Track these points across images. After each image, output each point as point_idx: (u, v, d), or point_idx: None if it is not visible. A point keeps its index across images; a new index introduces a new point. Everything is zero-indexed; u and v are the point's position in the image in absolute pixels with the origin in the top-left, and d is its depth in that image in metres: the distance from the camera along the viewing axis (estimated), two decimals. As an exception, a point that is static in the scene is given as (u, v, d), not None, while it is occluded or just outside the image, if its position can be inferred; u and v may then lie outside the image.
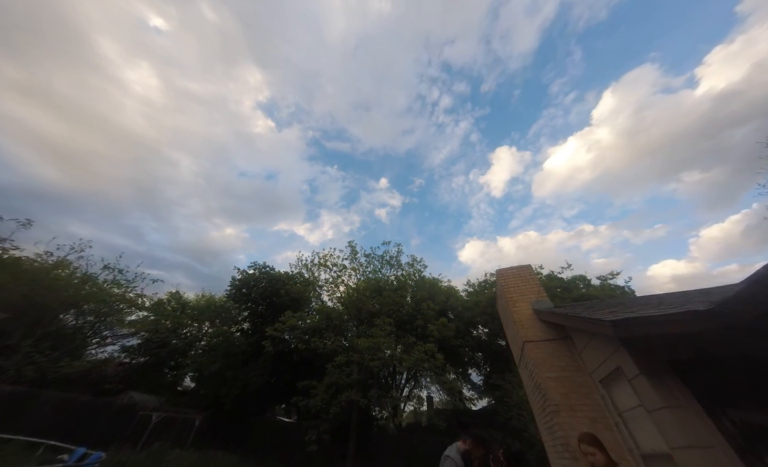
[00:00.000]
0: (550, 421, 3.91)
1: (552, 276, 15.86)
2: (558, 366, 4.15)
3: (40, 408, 10.04)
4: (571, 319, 3.76)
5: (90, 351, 16.56)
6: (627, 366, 2.84)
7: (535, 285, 5.52)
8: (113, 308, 16.05)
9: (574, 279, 15.44)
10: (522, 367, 5.20)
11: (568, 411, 3.69)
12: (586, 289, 14.37)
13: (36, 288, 12.62)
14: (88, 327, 15.95)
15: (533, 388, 4.54)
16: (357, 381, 11.08)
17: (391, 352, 11.86)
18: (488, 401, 17.33)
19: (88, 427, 10.52)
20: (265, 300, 15.78)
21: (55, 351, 12.70)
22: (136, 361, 17.61)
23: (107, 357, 17.18)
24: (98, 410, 11.32)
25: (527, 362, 4.65)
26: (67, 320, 15.19)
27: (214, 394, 13.76)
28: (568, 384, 3.93)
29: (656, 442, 2.62)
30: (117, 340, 17.56)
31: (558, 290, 14.28)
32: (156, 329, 17.52)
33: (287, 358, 14.96)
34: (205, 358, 14.84)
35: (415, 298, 15.94)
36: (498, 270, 6.39)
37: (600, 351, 3.44)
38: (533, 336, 4.63)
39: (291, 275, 16.53)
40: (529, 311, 5.05)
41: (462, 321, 16.29)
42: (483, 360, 17.34)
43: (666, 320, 2.17)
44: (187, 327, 19.40)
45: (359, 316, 14.14)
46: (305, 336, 12.50)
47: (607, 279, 15.04)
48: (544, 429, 4.38)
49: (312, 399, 10.78)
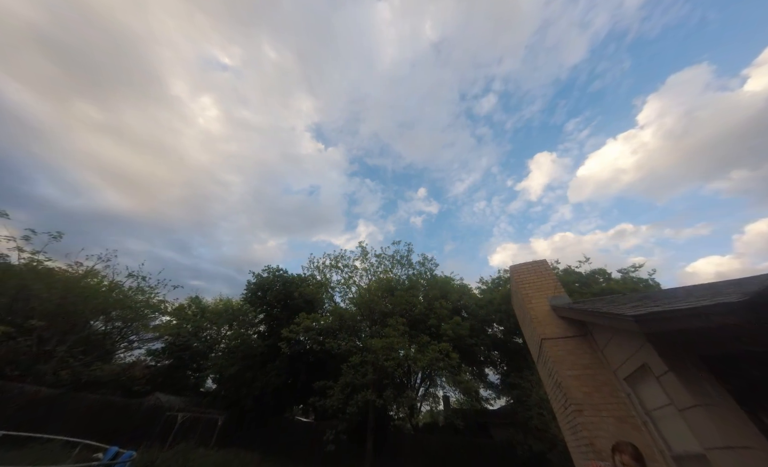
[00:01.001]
0: (572, 421, 3.79)
1: (569, 271, 15.36)
2: (579, 364, 4.01)
3: (76, 409, 10.66)
4: (591, 315, 3.63)
5: (119, 354, 17.46)
6: (654, 363, 2.71)
7: (551, 280, 5.36)
8: (139, 314, 16.85)
9: (593, 273, 14.88)
10: (541, 365, 5.07)
11: (592, 411, 3.57)
12: (606, 283, 13.83)
13: (68, 296, 13.40)
14: (116, 332, 16.81)
15: (553, 387, 4.41)
16: (372, 381, 11.13)
17: (405, 352, 11.84)
18: (506, 400, 16.99)
19: (119, 427, 11.09)
20: (280, 303, 16.12)
21: (87, 355, 13.47)
22: (161, 364, 18.41)
23: (135, 361, 18.05)
24: (128, 411, 11.91)
25: (546, 360, 4.52)
26: (96, 326, 16.05)
27: (234, 395, 14.19)
28: (590, 382, 3.79)
29: (689, 443, 2.49)
30: (143, 344, 18.43)
31: (576, 285, 13.82)
32: (178, 333, 18.26)
33: (303, 359, 15.22)
34: (224, 360, 15.33)
35: (428, 297, 15.83)
36: (512, 266, 6.24)
37: (624, 347, 3.31)
38: (551, 333, 4.50)
39: (304, 277, 16.80)
40: (546, 307, 4.91)
41: (476, 319, 16.05)
42: (499, 358, 17.01)
43: (695, 313, 2.06)
44: (206, 330, 20.10)
45: (372, 317, 14.20)
46: (319, 337, 12.68)
47: (629, 273, 14.40)
48: (566, 429, 4.25)
49: (328, 400, 10.91)
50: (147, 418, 11.98)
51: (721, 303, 1.89)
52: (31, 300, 12.42)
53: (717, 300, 2.01)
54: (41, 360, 12.05)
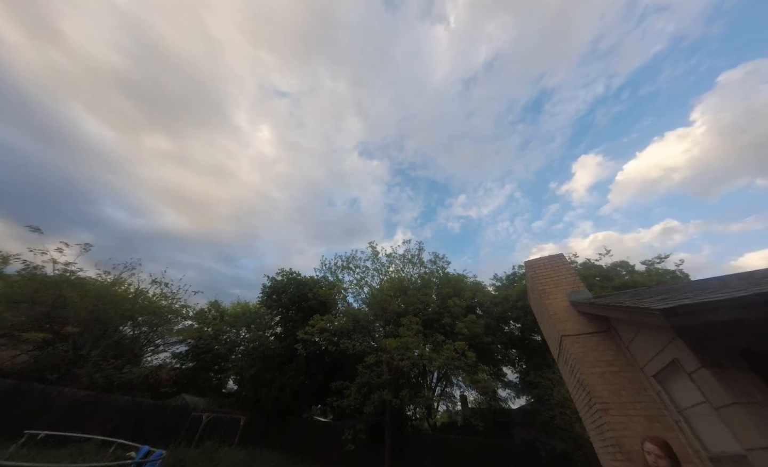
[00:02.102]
0: (597, 420, 3.64)
1: (588, 265, 14.78)
2: (603, 361, 3.85)
3: (109, 410, 11.29)
4: (614, 310, 3.48)
5: (146, 358, 18.34)
6: (685, 359, 2.57)
7: (569, 274, 5.18)
8: (163, 318, 17.64)
9: (615, 266, 14.24)
10: (561, 363, 4.90)
11: (619, 410, 3.42)
12: (629, 276, 13.19)
13: (99, 304, 14.22)
14: (143, 337, 17.67)
15: (576, 385, 4.26)
16: (388, 381, 11.14)
17: (420, 352, 11.78)
18: (526, 399, 16.56)
19: (149, 427, 11.65)
20: (294, 305, 16.41)
21: (118, 359, 14.24)
22: (185, 366, 19.19)
23: (161, 364, 18.91)
24: (156, 411, 12.50)
25: (567, 357, 4.37)
26: (125, 331, 16.94)
27: (254, 396, 14.58)
28: (615, 380, 3.63)
29: (727, 442, 2.33)
30: (168, 348, 19.29)
31: (597, 279, 13.27)
32: (200, 336, 18.97)
33: (319, 360, 15.44)
34: (244, 362, 15.79)
35: (441, 296, 15.67)
36: (527, 261, 6.08)
37: (651, 343, 3.15)
38: (572, 330, 4.34)
39: (316, 279, 17.03)
40: (565, 303, 4.74)
41: (492, 317, 15.73)
42: (517, 357, 16.60)
43: (729, 305, 1.93)
44: (226, 333, 20.78)
45: (385, 316, 14.21)
46: (334, 338, 12.82)
47: (654, 264, 13.69)
48: (591, 429, 4.09)
49: (345, 400, 11.02)
50: (174, 418, 12.52)
51: (760, 292, 1.76)
52: (66, 309, 13.26)
53: (754, 289, 1.88)
54: (77, 365, 12.84)
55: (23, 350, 12.44)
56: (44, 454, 7.21)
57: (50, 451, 7.44)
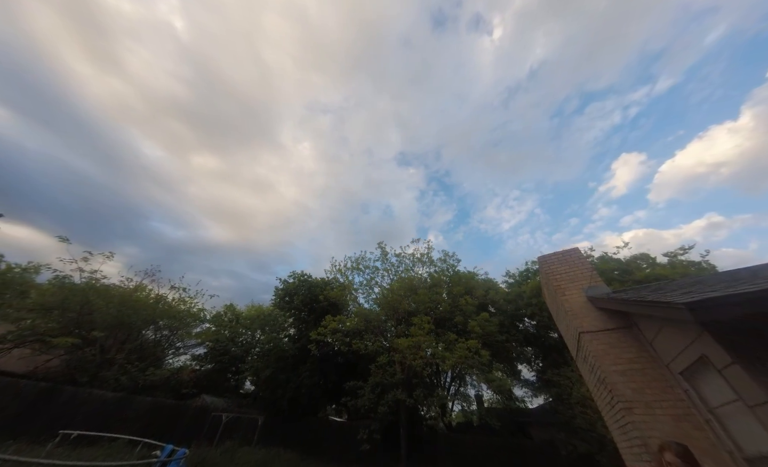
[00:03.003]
0: (620, 420, 3.51)
1: (606, 258, 14.25)
2: (624, 358, 3.71)
3: (135, 411, 11.80)
4: (635, 304, 3.34)
5: (168, 360, 19.06)
6: (714, 355, 2.44)
7: (585, 269, 5.02)
8: (182, 322, 18.29)
9: (635, 259, 13.68)
10: (581, 361, 4.76)
11: (644, 409, 3.28)
12: (650, 269, 12.64)
13: (123, 309, 14.89)
14: (164, 340, 18.38)
15: (597, 383, 4.12)
16: (401, 381, 11.12)
17: (432, 351, 11.70)
18: (544, 398, 16.16)
19: (172, 427, 12.10)
20: (306, 307, 16.62)
21: (142, 362, 14.85)
22: (204, 368, 19.82)
23: (182, 366, 19.60)
24: (178, 412, 12.96)
25: (586, 355, 4.24)
26: (147, 335, 17.66)
27: (270, 396, 14.89)
28: (639, 377, 3.49)
29: (763, 442, 2.20)
30: (187, 350, 19.99)
31: (615, 273, 12.79)
32: (217, 339, 19.54)
33: (332, 360, 15.59)
34: (260, 363, 16.15)
35: (452, 294, 15.51)
36: (540, 257, 5.93)
37: (676, 338, 3.01)
38: (590, 326, 4.21)
39: (327, 281, 17.20)
40: (582, 299, 4.60)
41: (505, 314, 15.44)
42: (533, 355, 16.22)
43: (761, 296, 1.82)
44: (242, 335, 21.32)
45: (396, 316, 14.20)
46: (346, 338, 12.91)
47: (677, 256, 13.06)
48: (614, 429, 3.95)
49: (359, 399, 11.08)
50: (195, 418, 12.95)
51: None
52: (93, 314, 13.95)
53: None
54: (104, 368, 13.49)
55: (55, 354, 13.18)
56: (78, 453, 7.61)
57: (83, 450, 7.84)
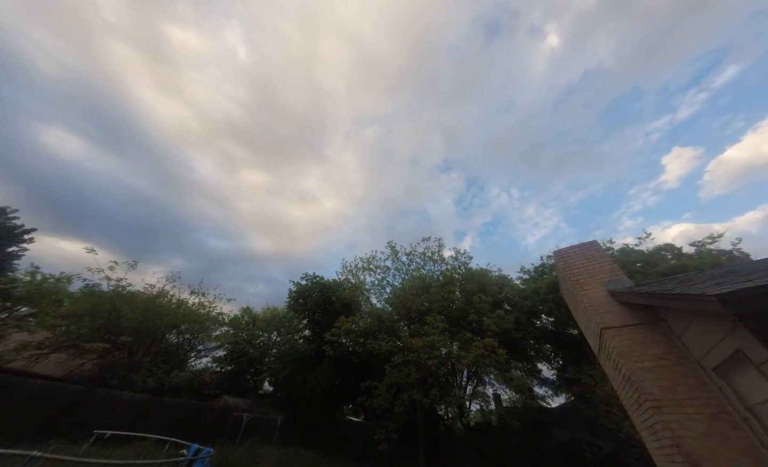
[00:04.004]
0: (649, 419, 3.35)
1: (626, 250, 13.65)
2: (651, 355, 3.54)
3: (161, 412, 12.33)
4: (661, 298, 3.18)
5: (190, 363, 19.81)
6: (751, 349, 2.28)
7: (605, 262, 4.82)
8: (202, 326, 18.96)
9: (658, 250, 13.03)
10: (603, 358, 4.58)
11: (674, 407, 3.12)
12: (676, 260, 12.00)
13: (148, 315, 15.59)
14: (186, 343, 19.12)
15: (622, 381, 3.95)
16: (416, 381, 11.07)
17: (447, 350, 11.58)
18: (566, 397, 15.66)
19: (196, 427, 12.56)
20: (320, 308, 16.82)
21: (167, 364, 15.51)
22: (224, 369, 20.47)
23: (203, 368, 20.34)
24: (202, 412, 13.44)
25: (609, 352, 4.07)
26: (170, 339, 18.42)
27: (288, 397, 15.18)
28: (668, 374, 3.32)
29: (812, 444, 2.04)
30: (208, 353, 20.71)
31: (637, 265, 12.22)
32: (236, 341, 20.14)
33: (347, 361, 15.71)
34: (277, 364, 16.50)
35: (465, 292, 15.29)
36: (556, 251, 5.75)
37: (708, 332, 2.84)
38: (612, 322, 4.04)
39: (339, 282, 17.35)
40: (603, 293, 4.42)
41: (521, 311, 15.07)
42: (552, 352, 15.75)
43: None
44: (259, 337, 21.87)
45: (409, 315, 14.14)
46: (360, 339, 12.98)
47: (706, 245, 12.33)
48: (642, 429, 3.77)
49: (375, 399, 11.11)
50: (218, 419, 13.40)
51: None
52: (120, 320, 14.69)
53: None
54: (132, 370, 14.17)
55: (88, 359, 13.98)
56: (111, 452, 8.04)
57: (116, 449, 8.28)
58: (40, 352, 13.14)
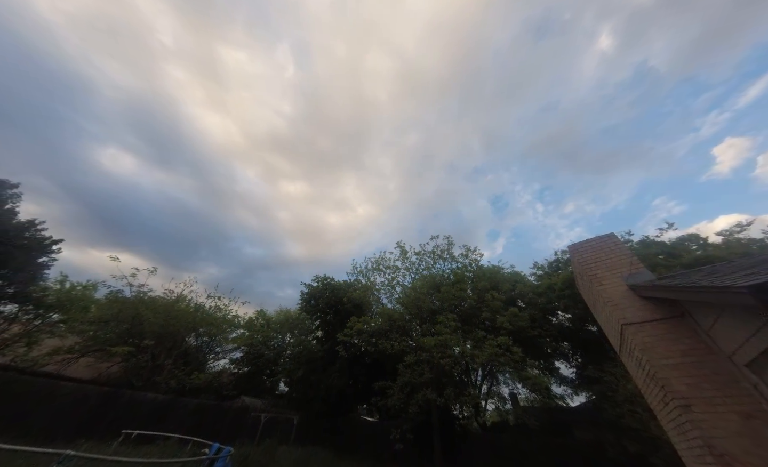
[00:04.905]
0: (677, 418, 3.20)
1: (647, 242, 13.07)
2: (677, 351, 3.37)
3: (183, 412, 12.78)
4: (686, 291, 3.03)
5: (209, 364, 20.43)
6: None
7: (624, 255, 4.65)
8: (219, 328, 19.52)
9: (682, 241, 12.40)
10: (625, 355, 4.40)
11: (704, 406, 2.96)
12: (702, 251, 11.39)
13: (168, 319, 16.19)
14: (205, 346, 19.73)
15: (646, 379, 3.79)
16: (430, 380, 11.00)
17: (460, 349, 11.44)
18: (587, 396, 15.18)
19: (216, 426, 12.95)
20: (331, 309, 16.99)
21: (187, 366, 16.06)
22: (241, 371, 21.00)
23: (222, 369, 20.92)
24: (221, 412, 13.84)
25: (631, 349, 3.91)
26: (190, 342, 19.06)
27: (303, 397, 15.42)
28: (695, 371, 3.16)
29: None
30: (225, 354, 21.29)
31: (659, 257, 11.68)
32: (251, 343, 20.62)
33: (360, 361, 15.80)
34: (292, 365, 16.79)
35: (476, 289, 15.06)
36: (570, 245, 5.58)
37: (738, 327, 2.68)
38: (633, 317, 3.88)
39: (350, 283, 17.46)
40: (623, 287, 4.26)
41: (536, 308, 14.69)
42: (570, 350, 15.29)
43: None
44: (273, 339, 22.31)
45: (420, 315, 14.07)
46: (372, 339, 13.02)
47: (734, 234, 11.64)
48: (670, 428, 3.61)
49: (389, 399, 11.11)
50: (236, 418, 13.76)
51: None
52: (143, 325, 15.33)
53: None
54: (156, 372, 14.76)
55: (114, 362, 14.66)
56: (138, 450, 8.40)
57: (142, 448, 8.64)
58: (71, 356, 13.88)
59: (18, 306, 12.60)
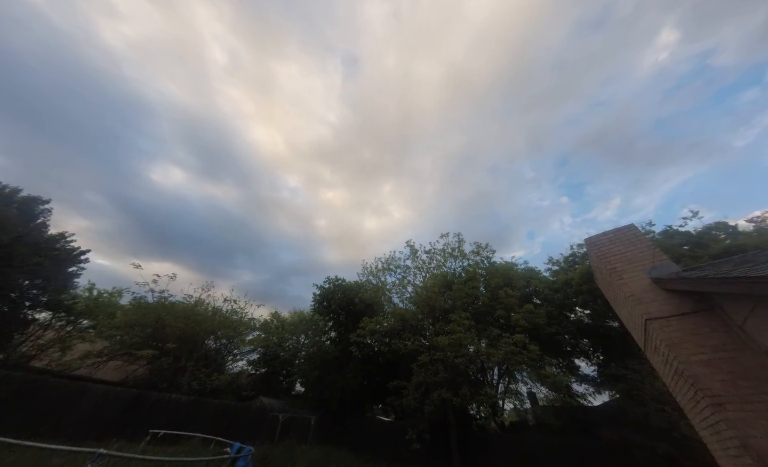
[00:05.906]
0: (709, 417, 3.03)
1: (670, 232, 12.42)
2: (707, 346, 3.20)
3: (205, 412, 13.21)
4: (716, 283, 2.87)
5: (228, 366, 21.03)
6: (835, 337, 1.98)
7: (646, 247, 4.45)
8: (236, 331, 20.07)
9: (708, 230, 11.73)
10: (650, 351, 4.21)
11: (739, 404, 2.79)
12: (731, 239, 10.74)
13: (188, 323, 16.79)
14: (223, 348, 20.33)
15: (674, 377, 3.61)
16: (445, 380, 10.90)
17: (475, 348, 11.27)
18: (610, 394, 14.63)
19: (236, 426, 13.31)
20: (344, 310, 17.10)
21: (208, 368, 16.59)
22: (259, 372, 21.51)
23: (240, 371, 21.49)
24: (240, 412, 14.22)
25: (656, 345, 3.74)
26: (209, 344, 19.68)
27: (319, 397, 15.62)
28: (728, 367, 2.99)
29: None
30: (243, 356, 21.86)
31: (684, 248, 11.11)
32: (267, 344, 21.08)
33: (374, 361, 15.85)
34: (307, 366, 17.04)
35: (489, 287, 14.78)
36: (587, 238, 5.39)
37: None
38: (658, 312, 3.70)
39: (360, 283, 17.51)
40: (645, 281, 4.07)
41: (553, 304, 14.28)
42: (591, 347, 14.77)
43: None
44: (288, 340, 22.72)
45: (433, 314, 13.96)
46: (385, 339, 13.03)
47: (766, 221, 10.92)
48: (702, 428, 3.42)
49: (404, 399, 11.09)
50: (255, 419, 14.09)
51: None
52: (165, 329, 15.95)
53: None
54: (178, 375, 15.33)
55: (140, 365, 15.33)
56: (164, 449, 8.76)
57: (168, 447, 9.00)
58: (100, 360, 14.64)
59: (51, 314, 13.41)
